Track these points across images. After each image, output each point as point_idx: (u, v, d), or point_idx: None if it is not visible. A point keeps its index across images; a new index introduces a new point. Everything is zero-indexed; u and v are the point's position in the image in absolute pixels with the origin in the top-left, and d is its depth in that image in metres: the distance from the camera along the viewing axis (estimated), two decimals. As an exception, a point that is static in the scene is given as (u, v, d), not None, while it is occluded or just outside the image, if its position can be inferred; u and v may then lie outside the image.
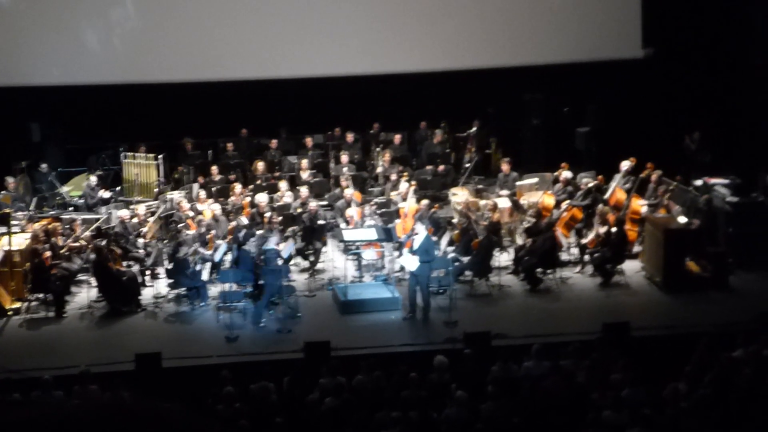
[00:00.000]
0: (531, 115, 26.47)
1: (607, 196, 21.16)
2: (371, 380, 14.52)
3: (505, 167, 23.00)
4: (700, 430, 12.63)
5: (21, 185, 23.04)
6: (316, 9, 25.88)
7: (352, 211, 20.79)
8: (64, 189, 23.47)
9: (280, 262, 18.40)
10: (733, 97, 25.13)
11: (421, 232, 18.26)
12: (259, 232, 19.94)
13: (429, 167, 24.71)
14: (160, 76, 25.31)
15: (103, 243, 18.99)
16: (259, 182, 23.31)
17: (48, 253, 18.60)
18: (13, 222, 19.62)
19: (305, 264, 20.48)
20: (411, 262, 17.96)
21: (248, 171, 24.39)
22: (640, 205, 20.61)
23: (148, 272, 19.76)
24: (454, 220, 21.29)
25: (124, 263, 19.48)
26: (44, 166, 23.75)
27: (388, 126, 26.04)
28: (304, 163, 24.17)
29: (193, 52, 25.41)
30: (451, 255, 19.33)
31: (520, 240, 20.71)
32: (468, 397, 13.56)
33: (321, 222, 20.63)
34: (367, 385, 14.47)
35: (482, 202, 21.69)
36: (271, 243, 18.64)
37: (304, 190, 21.89)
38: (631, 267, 19.90)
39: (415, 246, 17.93)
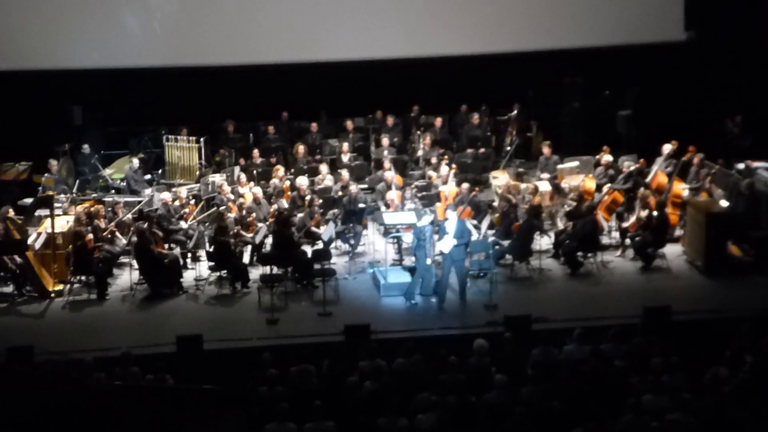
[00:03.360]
0: (571, 98, 26.36)
1: (648, 179, 21.04)
2: (410, 363, 14.53)
3: (546, 150, 22.96)
4: (741, 415, 12.55)
5: (64, 168, 23.19)
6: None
7: (393, 195, 20.79)
8: (107, 171, 23.61)
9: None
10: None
11: (452, 217, 18.19)
12: (300, 215, 20.01)
13: (470, 150, 24.68)
14: (201, 60, 25.41)
15: (145, 225, 19.09)
16: (299, 165, 23.37)
17: (90, 236, 18.72)
18: (56, 204, 19.71)
19: (345, 247, 20.53)
20: (447, 244, 17.89)
21: (289, 154, 24.44)
22: (681, 188, 20.50)
23: (189, 255, 19.88)
24: (495, 204, 21.23)
25: (166, 246, 19.62)
26: (87, 148, 23.90)
27: (428, 109, 26.01)
28: (345, 146, 24.21)
29: (233, 36, 25.47)
30: (492, 238, 19.30)
31: (560, 223, 20.66)
32: (507, 381, 13.55)
33: (361, 205, 20.66)
34: (407, 368, 14.48)
35: (523, 186, 21.66)
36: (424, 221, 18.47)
37: (344, 174, 21.93)
38: (673, 251, 19.81)
39: (451, 231, 17.85)
